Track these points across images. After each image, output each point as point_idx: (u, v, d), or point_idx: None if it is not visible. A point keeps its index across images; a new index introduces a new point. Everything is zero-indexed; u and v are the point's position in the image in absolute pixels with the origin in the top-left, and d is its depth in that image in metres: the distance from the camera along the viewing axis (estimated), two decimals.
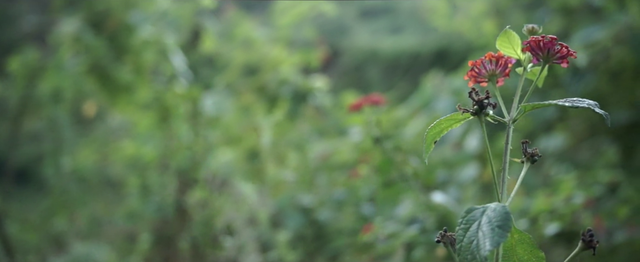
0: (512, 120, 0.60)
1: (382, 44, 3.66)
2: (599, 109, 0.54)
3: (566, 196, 1.37)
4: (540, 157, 0.62)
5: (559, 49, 0.59)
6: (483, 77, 0.63)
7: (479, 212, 0.55)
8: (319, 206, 1.96)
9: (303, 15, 2.02)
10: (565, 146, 2.07)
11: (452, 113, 0.61)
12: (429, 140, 0.64)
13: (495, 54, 0.63)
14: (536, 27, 0.62)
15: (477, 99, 0.57)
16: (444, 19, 2.30)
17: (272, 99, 2.10)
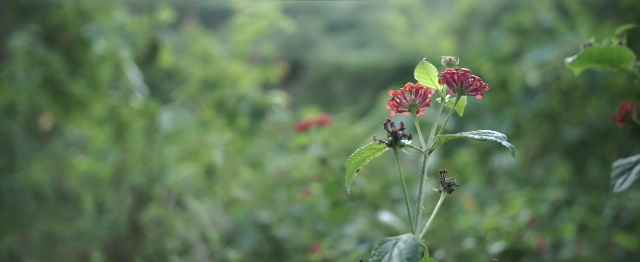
0: (428, 150, 0.61)
1: (347, 58, 3.69)
2: (506, 142, 0.55)
3: (512, 214, 1.40)
4: (457, 186, 0.63)
5: (472, 81, 0.60)
6: (404, 107, 0.64)
7: (391, 244, 0.55)
8: (277, 222, 1.95)
9: (262, 32, 2.02)
10: (518, 163, 2.11)
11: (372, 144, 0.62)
12: (351, 169, 0.64)
13: (415, 84, 0.64)
14: (453, 59, 0.64)
15: (391, 131, 0.58)
16: (403, 37, 2.33)
17: (231, 115, 2.09)
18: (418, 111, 0.65)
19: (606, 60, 0.69)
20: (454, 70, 0.61)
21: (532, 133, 2.14)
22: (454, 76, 0.60)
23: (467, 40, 2.35)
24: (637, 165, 0.70)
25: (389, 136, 0.58)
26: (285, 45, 3.77)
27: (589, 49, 0.69)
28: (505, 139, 0.56)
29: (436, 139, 0.60)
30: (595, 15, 2.35)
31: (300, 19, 3.98)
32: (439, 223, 1.98)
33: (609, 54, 0.69)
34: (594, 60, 0.69)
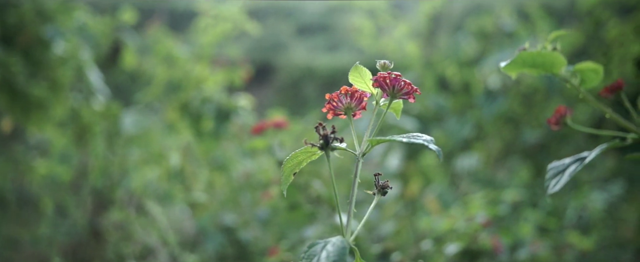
0: (362, 153, 0.61)
1: (318, 61, 3.69)
2: (433, 145, 0.56)
3: (469, 215, 1.42)
4: (391, 189, 0.63)
5: (403, 85, 0.61)
6: (340, 110, 0.65)
7: (320, 247, 0.56)
8: (242, 226, 1.94)
9: (226, 34, 2.01)
10: (481, 164, 2.14)
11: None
12: (287, 172, 0.64)
13: (351, 88, 0.65)
14: (388, 63, 0.64)
15: (322, 134, 0.58)
16: (369, 40, 2.35)
17: (196, 117, 2.07)
18: (354, 114, 0.66)
19: (539, 65, 0.71)
20: (386, 74, 0.62)
21: (494, 135, 2.17)
22: (386, 80, 0.61)
23: (433, 43, 2.38)
24: (569, 167, 0.72)
25: (320, 139, 0.58)
26: (256, 47, 3.76)
27: (522, 54, 0.71)
28: (433, 142, 0.57)
29: (368, 143, 0.60)
30: (555, 19, 2.41)
31: (271, 21, 3.98)
32: (403, 225, 2.00)
33: (541, 58, 0.70)
34: (527, 64, 0.71)
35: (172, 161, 1.74)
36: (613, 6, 2.10)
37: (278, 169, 1.23)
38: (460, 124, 2.05)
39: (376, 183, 0.63)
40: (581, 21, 2.20)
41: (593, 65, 0.73)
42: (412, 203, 2.15)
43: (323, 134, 0.58)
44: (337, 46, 3.74)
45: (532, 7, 2.23)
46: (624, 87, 0.72)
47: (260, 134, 1.17)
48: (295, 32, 3.99)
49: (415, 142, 0.56)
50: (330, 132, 0.58)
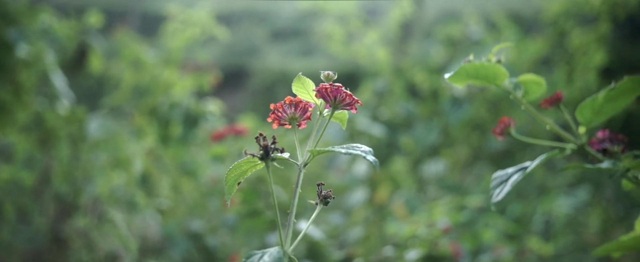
0: (304, 164, 0.62)
1: (292, 66, 3.70)
2: (370, 156, 0.57)
3: (431, 221, 1.43)
4: (333, 199, 0.64)
5: (344, 96, 0.61)
6: (285, 120, 0.65)
7: (257, 257, 0.56)
8: (209, 232, 1.93)
9: (194, 39, 2.00)
10: (448, 170, 2.17)
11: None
12: (230, 182, 0.64)
13: (295, 98, 0.65)
14: (331, 74, 0.65)
15: (262, 145, 0.58)
16: (339, 46, 2.36)
17: (164, 122, 2.05)
18: (299, 124, 0.66)
19: (482, 77, 0.73)
20: (327, 86, 0.62)
21: (462, 142, 2.20)
22: (327, 91, 0.62)
23: (403, 50, 2.41)
24: (512, 176, 0.74)
25: (260, 150, 0.59)
26: (230, 51, 3.75)
27: (465, 66, 0.72)
28: (371, 153, 0.58)
29: (310, 153, 0.61)
30: (521, 28, 2.45)
31: (245, 25, 3.97)
32: (372, 230, 2.01)
33: (484, 71, 0.72)
34: (470, 76, 0.73)
35: (136, 167, 1.72)
36: (576, 16, 2.15)
37: None
38: (427, 130, 2.08)
39: (319, 193, 0.63)
40: (545, 30, 2.25)
41: (535, 77, 0.75)
42: (382, 208, 2.16)
43: (263, 145, 0.58)
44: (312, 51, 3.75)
45: (499, 15, 2.28)
46: (562, 99, 0.74)
47: (219, 141, 1.16)
48: (270, 37, 3.99)
49: (353, 153, 0.57)
50: (270, 143, 0.59)
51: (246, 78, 3.75)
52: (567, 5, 2.09)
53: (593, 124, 0.72)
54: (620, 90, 0.69)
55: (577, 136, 0.72)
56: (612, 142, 0.72)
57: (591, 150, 0.72)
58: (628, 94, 0.69)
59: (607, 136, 0.72)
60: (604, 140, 0.72)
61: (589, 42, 2.11)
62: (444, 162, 2.13)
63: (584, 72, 2.13)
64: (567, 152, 0.73)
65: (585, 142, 0.72)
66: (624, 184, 0.72)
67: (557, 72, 2.20)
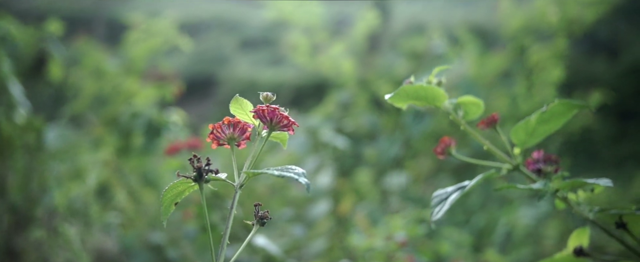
0: (239, 185, 0.62)
1: (261, 75, 3.70)
2: (303, 179, 0.58)
3: (388, 234, 1.45)
4: (270, 219, 0.64)
5: (280, 118, 0.62)
6: (223, 141, 0.65)
7: None
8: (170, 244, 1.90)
9: (157, 48, 1.98)
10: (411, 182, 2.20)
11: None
12: (167, 202, 0.64)
13: (233, 118, 0.65)
14: (270, 95, 0.66)
15: (196, 167, 0.58)
16: (305, 57, 2.37)
17: (125, 132, 2.02)
18: (239, 144, 0.67)
19: (422, 98, 0.74)
20: (264, 107, 0.63)
21: (424, 154, 2.23)
22: (264, 112, 0.62)
23: (368, 62, 2.43)
24: (451, 195, 0.75)
25: (194, 171, 0.59)
26: (199, 60, 3.72)
27: (405, 87, 0.74)
28: (304, 176, 0.59)
29: (245, 175, 0.61)
30: (485, 42, 2.51)
31: (214, 34, 3.95)
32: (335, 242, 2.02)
33: (423, 92, 0.73)
34: (410, 97, 0.74)
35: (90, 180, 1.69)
36: (535, 32, 2.21)
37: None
38: (390, 143, 2.10)
39: (255, 213, 0.63)
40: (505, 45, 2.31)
41: (474, 99, 0.77)
42: (345, 220, 2.17)
43: (196, 167, 0.58)
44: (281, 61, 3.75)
45: (462, 30, 2.32)
46: (498, 121, 0.76)
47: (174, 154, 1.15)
48: (239, 46, 3.98)
49: (285, 175, 0.58)
50: (204, 165, 0.59)
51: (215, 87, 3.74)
52: (525, 22, 2.15)
53: (527, 145, 0.74)
54: (552, 113, 0.71)
55: (512, 157, 0.75)
56: (546, 162, 0.74)
57: (526, 170, 0.74)
58: (559, 117, 0.72)
59: (541, 157, 0.75)
60: (539, 160, 0.74)
61: (547, 58, 2.17)
62: (407, 174, 2.15)
63: (543, 87, 2.19)
64: (503, 172, 0.75)
65: (520, 162, 0.74)
66: (556, 203, 0.74)
67: (517, 86, 2.25)
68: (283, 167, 0.60)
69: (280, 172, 0.58)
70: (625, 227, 0.69)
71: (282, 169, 0.60)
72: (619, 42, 3.65)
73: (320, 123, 2.12)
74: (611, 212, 0.70)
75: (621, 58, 3.58)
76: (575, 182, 0.67)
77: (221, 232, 1.25)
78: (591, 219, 0.71)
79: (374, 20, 2.42)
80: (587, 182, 0.66)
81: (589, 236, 0.75)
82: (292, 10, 2.29)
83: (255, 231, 0.64)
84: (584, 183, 0.66)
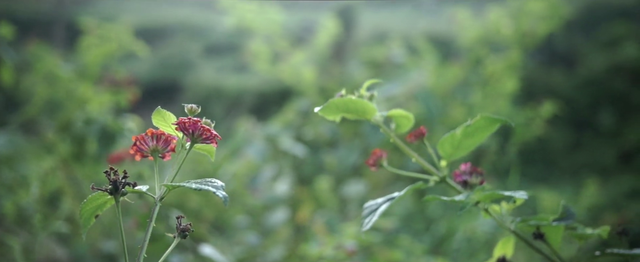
0: (160, 198, 0.62)
1: (226, 81, 3.68)
2: (221, 192, 0.58)
3: (338, 243, 1.46)
4: (192, 232, 0.64)
5: (202, 131, 0.62)
6: (146, 153, 0.65)
7: None
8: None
9: (111, 54, 1.95)
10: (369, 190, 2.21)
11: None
12: (86, 215, 0.63)
13: (157, 130, 0.65)
14: (195, 107, 0.66)
15: (112, 179, 0.58)
16: (265, 65, 2.37)
17: (78, 139, 1.98)
18: (164, 156, 0.66)
19: (352, 111, 0.75)
20: (186, 120, 0.63)
21: None
22: (185, 125, 0.62)
23: (327, 71, 2.45)
24: (381, 206, 0.77)
25: (110, 184, 0.58)
26: (162, 65, 3.68)
27: (335, 101, 0.75)
28: (222, 189, 0.59)
29: (165, 188, 0.61)
30: (442, 53, 2.56)
31: (179, 39, 3.92)
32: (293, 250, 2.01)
33: (353, 105, 0.74)
34: (341, 110, 0.75)
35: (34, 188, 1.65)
36: (490, 44, 2.27)
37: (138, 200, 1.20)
38: (349, 151, 2.12)
39: (177, 226, 0.63)
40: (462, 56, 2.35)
41: (404, 112, 0.78)
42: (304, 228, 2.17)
43: (112, 180, 0.58)
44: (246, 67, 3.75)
45: (420, 41, 2.36)
46: (426, 134, 0.78)
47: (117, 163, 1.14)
48: (204, 51, 3.95)
49: (203, 188, 0.58)
50: (121, 178, 0.58)
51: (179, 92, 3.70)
52: (481, 34, 2.20)
53: (454, 157, 0.76)
54: (476, 127, 0.73)
55: (439, 169, 0.76)
56: (472, 174, 0.76)
57: (452, 182, 0.76)
58: (482, 130, 0.74)
59: (468, 169, 0.76)
60: (466, 173, 0.76)
61: (501, 69, 2.22)
62: (365, 182, 2.17)
63: (498, 97, 2.25)
64: (430, 184, 0.76)
65: (447, 174, 0.76)
66: (483, 214, 0.76)
67: (474, 96, 2.30)
68: (203, 180, 0.60)
69: (199, 185, 0.58)
70: (542, 238, 0.71)
71: (201, 182, 0.60)
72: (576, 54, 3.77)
73: (279, 131, 2.12)
74: (531, 223, 0.72)
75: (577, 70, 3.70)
76: (494, 195, 0.69)
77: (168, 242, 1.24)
78: (513, 230, 0.73)
79: (335, 29, 2.44)
80: (504, 195, 0.68)
81: (513, 246, 0.77)
82: (252, 17, 2.29)
83: (175, 244, 0.63)
84: (502, 196, 0.68)
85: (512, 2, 2.24)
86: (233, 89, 3.58)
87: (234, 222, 1.88)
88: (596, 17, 3.81)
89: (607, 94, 3.52)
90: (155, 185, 0.63)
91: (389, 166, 0.80)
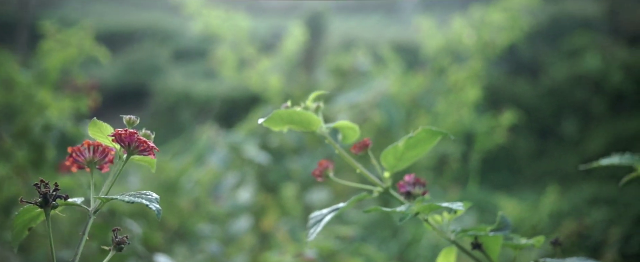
0: (94, 211, 0.61)
1: (196, 86, 3.65)
2: (154, 205, 0.57)
3: (298, 251, 1.46)
4: (129, 244, 0.63)
5: (138, 143, 0.61)
6: (83, 164, 0.64)
7: None
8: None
9: (72, 59, 1.92)
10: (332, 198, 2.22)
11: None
12: (18, 227, 0.62)
13: (93, 141, 0.64)
14: (133, 118, 0.65)
15: (41, 192, 0.57)
16: (231, 71, 2.37)
17: (36, 146, 1.94)
18: (101, 168, 0.66)
19: (297, 122, 0.76)
20: (122, 131, 0.62)
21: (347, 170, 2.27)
22: (122, 137, 0.62)
23: (293, 79, 2.46)
24: (326, 216, 0.77)
25: (39, 196, 0.57)
26: (131, 69, 3.64)
27: (279, 112, 0.75)
28: (156, 202, 0.58)
29: (99, 201, 0.60)
30: (409, 61, 2.59)
31: (148, 44, 3.87)
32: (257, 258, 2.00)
33: (297, 117, 0.75)
34: (285, 121, 0.75)
35: None
36: (453, 54, 2.31)
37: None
38: (312, 159, 2.12)
39: (113, 239, 0.62)
40: (425, 65, 2.39)
41: (349, 124, 0.79)
42: (268, 236, 2.17)
43: (43, 193, 0.57)
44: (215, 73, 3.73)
45: (385, 50, 2.39)
46: (370, 146, 0.79)
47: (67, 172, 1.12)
48: (173, 57, 3.92)
49: (135, 201, 0.57)
50: (52, 190, 0.58)
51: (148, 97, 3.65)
52: (444, 43, 2.24)
53: (397, 168, 0.77)
54: (417, 139, 0.75)
55: (382, 180, 0.77)
56: (415, 185, 0.77)
57: (395, 193, 0.77)
58: (424, 143, 0.75)
59: (412, 180, 0.78)
60: (409, 184, 0.77)
61: (464, 78, 2.26)
62: (328, 190, 2.18)
63: (460, 106, 2.28)
64: (374, 195, 0.77)
65: (390, 185, 0.77)
66: (425, 225, 0.78)
67: (438, 105, 2.34)
68: (137, 193, 0.60)
69: (132, 198, 0.58)
70: (480, 248, 0.72)
71: (134, 195, 0.59)
72: (540, 64, 3.87)
73: (243, 139, 2.11)
74: (469, 234, 0.73)
75: (541, 79, 3.79)
76: (432, 206, 0.70)
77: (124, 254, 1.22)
78: (453, 240, 0.74)
79: (301, 36, 2.45)
80: (442, 206, 0.69)
81: (455, 256, 0.78)
82: (219, 23, 2.28)
83: (109, 257, 0.63)
84: (440, 207, 0.70)
85: (475, 13, 2.29)
86: (202, 94, 3.55)
87: (196, 230, 1.86)
88: (559, 27, 3.92)
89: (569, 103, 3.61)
90: (90, 197, 0.62)
91: (334, 177, 0.81)
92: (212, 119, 3.41)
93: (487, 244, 0.73)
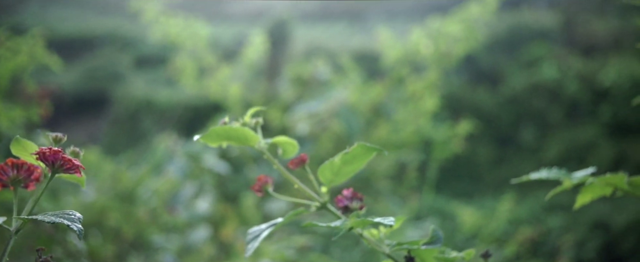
0: (15, 230, 0.60)
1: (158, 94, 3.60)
2: (76, 225, 0.56)
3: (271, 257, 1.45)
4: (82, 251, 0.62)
5: (63, 161, 0.60)
6: (7, 183, 0.62)
7: None
8: None
9: (23, 67, 1.87)
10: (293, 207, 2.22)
11: None
12: None
13: (18, 159, 0.63)
14: (60, 136, 0.64)
15: None
16: (191, 79, 2.35)
17: None
18: (27, 186, 0.64)
19: (234, 138, 0.76)
20: (46, 149, 0.61)
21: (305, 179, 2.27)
22: (46, 155, 0.60)
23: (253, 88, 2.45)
24: (264, 231, 0.77)
25: None
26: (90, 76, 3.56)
27: (216, 129, 0.75)
28: (78, 221, 0.58)
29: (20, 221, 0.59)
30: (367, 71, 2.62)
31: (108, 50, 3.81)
32: None
33: (235, 133, 0.75)
34: (222, 137, 0.75)
35: None
36: (411, 63, 2.35)
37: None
38: (270, 168, 2.12)
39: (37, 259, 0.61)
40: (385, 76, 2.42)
41: (288, 140, 0.80)
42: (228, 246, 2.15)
43: None
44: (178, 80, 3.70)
45: (345, 59, 2.41)
46: (307, 161, 0.79)
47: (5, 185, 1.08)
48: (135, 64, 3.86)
49: (58, 221, 0.56)
50: None
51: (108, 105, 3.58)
52: (403, 53, 2.27)
53: (334, 183, 0.78)
54: (353, 155, 0.76)
55: (320, 195, 0.78)
56: (353, 200, 0.78)
57: (332, 208, 0.78)
58: (360, 158, 0.76)
59: (349, 195, 0.78)
60: (347, 198, 0.78)
61: (422, 88, 2.30)
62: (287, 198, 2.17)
63: (419, 115, 2.32)
64: (312, 210, 0.78)
65: (328, 200, 0.78)
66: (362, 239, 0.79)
67: (397, 114, 2.37)
68: (60, 212, 0.59)
69: (53, 218, 0.57)
70: (413, 261, 0.73)
71: (56, 214, 0.58)
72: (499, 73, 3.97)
73: (202, 148, 2.09)
74: (404, 247, 0.75)
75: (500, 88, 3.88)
76: (365, 221, 0.71)
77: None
78: (388, 253, 0.76)
79: (262, 45, 2.45)
80: (374, 221, 0.70)
81: None
82: (177, 32, 2.26)
83: None
84: (372, 222, 0.71)
85: (433, 24, 2.33)
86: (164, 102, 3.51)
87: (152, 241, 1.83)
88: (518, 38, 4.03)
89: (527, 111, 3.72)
90: (13, 217, 0.61)
91: (273, 192, 0.81)
92: (173, 127, 3.36)
93: (422, 257, 0.74)
